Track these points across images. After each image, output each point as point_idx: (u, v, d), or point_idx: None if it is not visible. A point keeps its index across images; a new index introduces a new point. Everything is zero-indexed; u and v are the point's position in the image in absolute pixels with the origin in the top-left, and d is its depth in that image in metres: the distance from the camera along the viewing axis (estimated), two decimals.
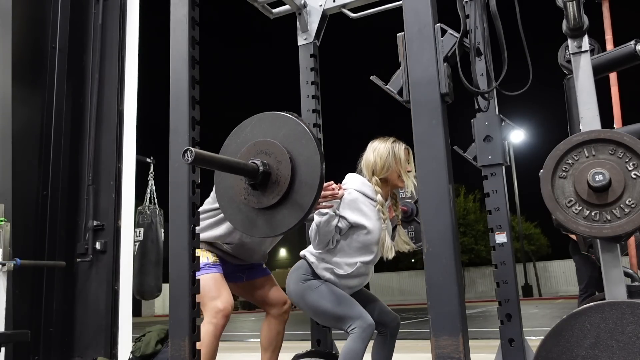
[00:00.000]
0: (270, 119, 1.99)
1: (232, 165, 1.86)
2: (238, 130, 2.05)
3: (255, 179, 1.88)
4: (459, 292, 1.68)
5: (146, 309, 24.42)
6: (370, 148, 2.48)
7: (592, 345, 1.64)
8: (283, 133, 1.93)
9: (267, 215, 1.90)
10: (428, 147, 1.79)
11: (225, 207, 2.02)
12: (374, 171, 2.43)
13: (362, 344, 2.18)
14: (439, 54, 1.84)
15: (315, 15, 3.12)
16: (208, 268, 2.55)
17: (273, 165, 1.89)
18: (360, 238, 2.34)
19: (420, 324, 9.95)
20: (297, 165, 1.87)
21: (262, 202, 1.90)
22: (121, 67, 4.29)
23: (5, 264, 3.15)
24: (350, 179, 2.46)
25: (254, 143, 1.96)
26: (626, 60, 2.26)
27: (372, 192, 2.40)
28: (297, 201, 1.84)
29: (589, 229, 1.75)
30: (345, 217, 2.31)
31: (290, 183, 1.85)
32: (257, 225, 1.93)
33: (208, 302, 2.47)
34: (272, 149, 1.91)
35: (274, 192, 1.87)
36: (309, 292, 2.31)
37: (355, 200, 2.34)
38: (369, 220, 2.34)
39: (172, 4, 2.25)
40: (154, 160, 5.76)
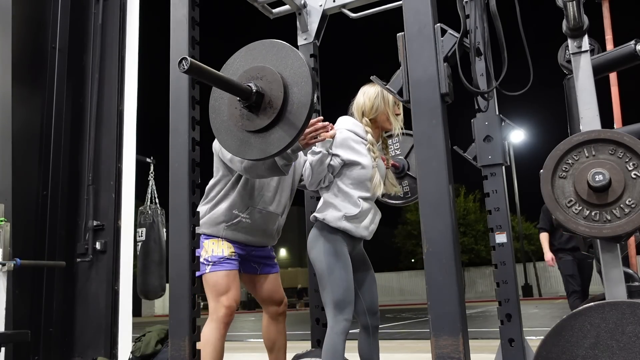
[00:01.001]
0: (257, 47, 2.03)
1: (225, 81, 1.89)
2: (227, 64, 2.08)
3: (249, 100, 1.91)
4: (459, 292, 1.68)
5: (146, 309, 24.43)
6: (360, 91, 2.58)
7: (592, 345, 1.64)
8: (271, 56, 1.97)
9: (262, 137, 1.93)
10: (428, 147, 1.79)
11: (224, 138, 2.04)
12: (364, 112, 2.53)
13: (340, 338, 2.24)
14: (439, 54, 1.85)
15: (315, 15, 3.12)
16: (222, 263, 2.55)
17: (265, 87, 1.93)
18: (354, 173, 2.40)
19: (420, 324, 9.95)
20: (289, 85, 1.91)
21: (257, 124, 1.93)
22: (121, 67, 4.29)
23: (5, 264, 3.15)
24: (342, 120, 2.55)
25: (244, 71, 1.99)
26: (626, 60, 2.26)
27: (363, 131, 2.50)
28: (291, 120, 1.87)
29: (589, 229, 1.75)
30: (338, 154, 2.39)
31: (283, 102, 1.88)
32: (252, 148, 1.95)
33: (215, 297, 2.49)
34: (263, 73, 1.95)
35: (268, 114, 1.90)
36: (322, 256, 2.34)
37: (346, 138, 2.42)
38: (361, 156, 2.42)
39: (172, 4, 2.25)
40: (154, 160, 5.76)
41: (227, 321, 2.48)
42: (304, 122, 1.85)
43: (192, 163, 2.11)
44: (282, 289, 2.85)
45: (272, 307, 2.80)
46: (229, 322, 2.50)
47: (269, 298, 2.80)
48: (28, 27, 4.12)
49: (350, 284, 2.33)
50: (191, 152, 2.12)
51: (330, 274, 2.31)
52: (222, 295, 2.49)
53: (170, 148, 2.16)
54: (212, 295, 2.51)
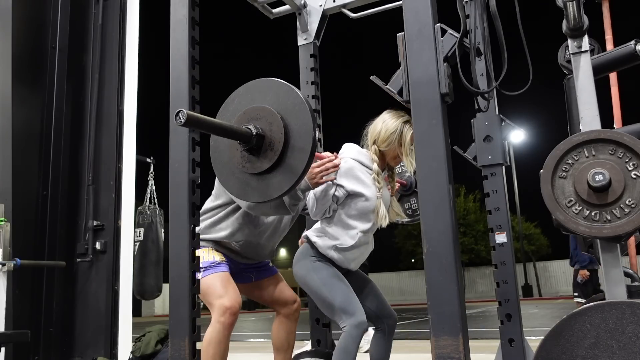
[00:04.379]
0: (256, 86, 2.00)
1: (224, 128, 1.86)
2: (226, 104, 2.05)
3: (249, 143, 1.88)
4: (459, 292, 1.68)
5: (146, 309, 24.43)
6: (381, 118, 2.49)
7: (592, 345, 1.64)
8: (271, 96, 1.94)
9: (262, 180, 1.91)
10: (428, 147, 1.79)
11: (225, 179, 2.02)
12: (376, 141, 2.45)
13: (354, 342, 2.19)
14: (439, 54, 1.84)
15: (315, 15, 3.12)
16: (214, 267, 2.51)
17: (266, 128, 1.90)
18: (358, 205, 2.35)
19: (420, 324, 9.95)
20: (289, 126, 1.87)
21: (258, 167, 1.90)
22: (121, 67, 4.30)
23: (5, 264, 3.15)
24: (347, 148, 2.49)
25: (244, 112, 1.96)
26: (626, 60, 2.26)
27: (369, 160, 2.43)
28: (291, 165, 1.85)
29: (589, 229, 1.75)
30: (342, 185, 2.33)
31: (284, 144, 1.86)
32: (253, 190, 1.94)
33: (215, 301, 2.42)
34: (263, 113, 1.91)
35: (269, 156, 1.88)
36: (312, 274, 2.32)
37: (352, 168, 2.36)
38: (366, 187, 2.36)
39: (172, 4, 2.25)
40: (154, 160, 5.77)
41: (230, 322, 2.41)
42: (304, 167, 1.82)
43: (192, 163, 2.11)
44: (290, 289, 2.79)
45: (282, 308, 2.75)
46: (233, 322, 2.42)
47: (277, 300, 2.75)
48: (28, 27, 4.12)
49: (348, 287, 2.30)
50: (191, 152, 2.12)
51: (325, 285, 2.28)
52: (221, 298, 2.43)
53: (170, 148, 2.16)
54: (211, 299, 2.44)
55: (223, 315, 2.39)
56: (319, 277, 2.31)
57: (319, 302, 2.34)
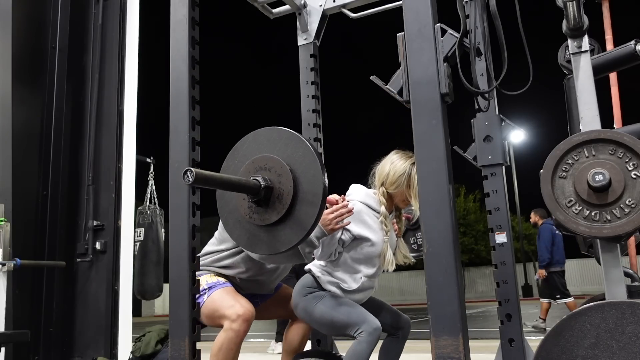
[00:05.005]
0: (264, 135, 1.98)
1: (233, 183, 1.83)
2: (234, 151, 2.04)
3: (257, 195, 1.85)
4: (459, 292, 1.68)
5: (146, 309, 24.41)
6: (389, 159, 2.45)
7: (592, 345, 1.64)
8: (280, 146, 1.91)
9: (271, 233, 1.88)
10: (428, 147, 1.79)
11: (232, 228, 1.99)
12: (384, 182, 2.40)
13: (368, 347, 2.16)
14: (439, 54, 1.84)
15: (315, 15, 3.12)
16: (220, 285, 2.45)
17: (274, 180, 1.86)
18: (364, 250, 2.32)
19: (420, 324, 9.95)
20: (299, 178, 1.84)
21: (265, 219, 1.87)
22: (121, 67, 4.30)
23: (5, 264, 3.15)
24: (355, 190, 2.44)
25: (252, 160, 1.93)
26: (626, 60, 2.26)
27: (376, 203, 2.39)
28: (300, 218, 1.82)
29: (589, 229, 1.75)
30: (349, 229, 2.29)
31: (292, 197, 1.82)
32: (261, 243, 1.91)
33: (226, 310, 2.32)
34: (271, 164, 1.88)
35: (277, 209, 1.84)
36: (313, 302, 2.29)
37: (359, 212, 2.32)
38: (372, 232, 2.32)
39: (172, 4, 2.25)
40: (154, 160, 5.77)
41: (243, 329, 2.28)
42: (314, 221, 1.80)
43: (192, 163, 2.11)
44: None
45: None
46: (245, 330, 2.30)
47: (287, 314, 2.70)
48: (28, 27, 4.12)
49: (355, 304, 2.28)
50: (191, 152, 2.12)
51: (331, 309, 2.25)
52: (233, 307, 2.31)
53: (170, 148, 2.15)
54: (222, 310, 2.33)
55: (235, 322, 2.28)
56: (321, 303, 2.28)
57: (327, 328, 2.30)
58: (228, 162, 2.05)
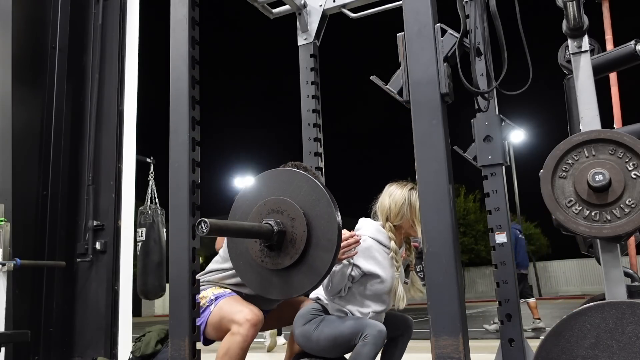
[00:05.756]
0: (276, 176, 1.96)
1: (247, 230, 1.82)
2: (245, 191, 2.03)
3: (270, 240, 1.84)
4: (459, 292, 1.68)
5: (146, 309, 24.41)
6: (386, 192, 2.45)
7: (592, 345, 1.64)
8: (292, 189, 1.89)
9: (283, 277, 1.86)
10: (428, 147, 1.79)
11: (242, 271, 1.98)
12: (388, 217, 2.40)
13: (373, 350, 2.15)
14: (439, 54, 1.84)
15: (315, 15, 3.12)
16: (227, 294, 2.43)
17: (287, 224, 1.85)
18: (374, 287, 2.31)
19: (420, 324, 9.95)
20: (312, 223, 1.82)
21: (279, 264, 1.85)
22: (121, 67, 4.29)
23: (5, 264, 3.15)
24: (364, 224, 2.43)
25: (264, 202, 1.91)
26: (626, 60, 2.26)
27: (386, 239, 2.38)
28: (314, 264, 1.81)
29: (589, 229, 1.75)
30: (358, 265, 2.28)
31: (307, 241, 1.80)
32: (273, 287, 1.89)
33: (235, 315, 2.28)
34: (284, 207, 1.86)
35: (290, 253, 1.83)
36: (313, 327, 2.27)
37: (369, 248, 2.32)
38: (382, 269, 2.31)
39: (172, 4, 2.25)
40: (154, 160, 5.77)
41: (251, 334, 2.25)
42: (328, 268, 1.79)
43: (192, 163, 2.11)
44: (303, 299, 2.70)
45: None
46: (253, 335, 2.26)
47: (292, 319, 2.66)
48: (28, 27, 4.12)
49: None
50: (191, 152, 2.12)
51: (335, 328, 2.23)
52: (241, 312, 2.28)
53: (170, 148, 2.15)
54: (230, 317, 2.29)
55: (243, 325, 2.24)
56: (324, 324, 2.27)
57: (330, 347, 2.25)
58: (239, 202, 2.03)
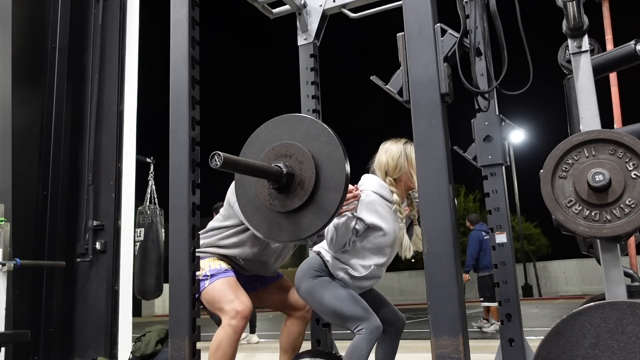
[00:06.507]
0: (284, 122, 1.96)
1: (257, 168, 1.83)
2: (253, 137, 2.03)
3: (279, 182, 1.85)
4: (459, 292, 1.68)
5: (146, 309, 24.40)
6: (382, 149, 2.49)
7: (592, 345, 1.64)
8: (300, 133, 1.90)
9: (292, 219, 1.87)
10: (428, 147, 1.79)
11: (251, 216, 1.98)
12: (387, 172, 2.44)
13: (368, 345, 2.17)
14: (439, 54, 1.84)
15: (315, 15, 3.12)
16: (222, 273, 2.50)
17: (295, 167, 1.86)
18: (376, 240, 2.34)
19: (420, 324, 9.95)
20: (321, 165, 1.84)
21: (287, 205, 1.86)
22: (121, 67, 4.30)
23: (5, 264, 3.15)
24: (367, 180, 2.46)
25: (272, 147, 1.92)
26: (626, 60, 2.26)
27: (389, 193, 2.41)
28: (323, 204, 1.81)
29: (589, 229, 1.75)
30: (362, 218, 2.31)
31: (315, 184, 1.82)
32: (283, 230, 1.89)
33: (225, 305, 2.41)
34: (292, 151, 1.87)
35: (299, 195, 1.84)
36: (319, 288, 2.30)
37: (372, 202, 2.34)
38: (385, 222, 2.34)
39: (172, 4, 2.25)
40: (154, 160, 5.76)
41: (241, 325, 2.40)
42: (337, 207, 1.80)
43: (192, 163, 2.11)
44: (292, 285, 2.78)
45: (293, 311, 2.74)
46: (243, 326, 2.42)
47: (287, 304, 2.74)
48: (28, 27, 4.12)
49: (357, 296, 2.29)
50: (191, 152, 2.12)
51: (333, 297, 2.26)
52: (233, 302, 2.41)
53: (170, 148, 2.15)
54: (222, 304, 2.43)
55: (234, 318, 2.38)
56: (327, 290, 2.29)
57: (327, 315, 2.32)
58: (246, 149, 2.03)
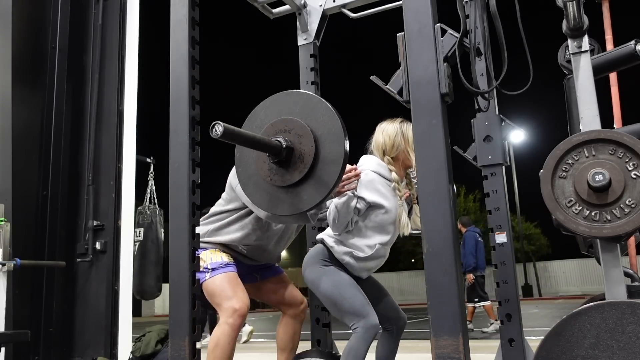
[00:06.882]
0: (282, 98, 1.98)
1: (257, 140, 1.85)
2: (252, 115, 2.04)
3: (279, 156, 1.87)
4: (459, 292, 1.68)
5: (146, 309, 24.42)
6: (379, 129, 2.52)
7: (592, 345, 1.64)
8: (299, 108, 1.92)
9: (292, 193, 1.89)
10: (428, 147, 1.79)
11: (252, 193, 2.00)
12: (385, 151, 2.47)
13: (365, 344, 2.18)
14: (439, 54, 1.84)
15: (315, 15, 3.12)
16: (223, 267, 2.52)
17: (295, 141, 1.88)
18: (378, 218, 2.35)
19: (420, 324, 9.95)
20: (320, 138, 1.86)
21: (287, 180, 1.88)
22: (121, 67, 4.29)
23: (5, 264, 3.15)
24: (366, 160, 2.49)
25: (271, 124, 1.94)
26: (626, 60, 2.26)
27: (387, 172, 2.44)
28: (322, 177, 1.84)
29: (589, 229, 1.75)
30: (363, 197, 2.33)
31: (314, 157, 1.84)
32: (283, 203, 1.91)
33: (223, 302, 2.43)
34: (291, 125, 1.89)
35: (299, 169, 1.86)
36: (324, 277, 2.31)
37: (372, 180, 2.37)
38: (386, 199, 2.36)
39: (172, 4, 2.25)
40: (154, 160, 5.76)
41: (238, 323, 2.43)
42: (336, 179, 1.81)
43: (192, 163, 2.11)
44: (296, 290, 2.79)
45: (288, 309, 2.75)
46: (240, 324, 2.44)
47: (283, 300, 2.76)
48: (28, 27, 4.12)
49: (360, 291, 2.30)
50: (191, 152, 2.12)
51: (337, 288, 2.28)
52: (230, 299, 2.43)
53: (170, 148, 2.16)
54: (220, 300, 2.45)
55: (231, 316, 2.41)
56: (330, 280, 2.30)
57: (328, 305, 2.34)
58: (246, 126, 2.04)
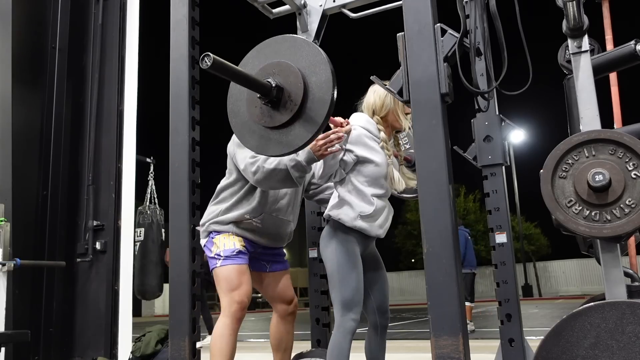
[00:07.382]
0: (268, 45, 2.00)
1: (246, 77, 1.87)
2: (241, 65, 2.04)
3: (269, 96, 1.89)
4: (459, 292, 1.68)
5: (146, 309, 24.42)
6: (370, 90, 2.55)
7: (592, 345, 1.64)
8: (284, 50, 1.94)
9: (283, 133, 1.91)
10: (428, 147, 1.79)
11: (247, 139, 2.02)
12: (374, 110, 2.50)
13: (344, 339, 2.22)
14: (439, 54, 1.84)
15: (315, 15, 3.12)
16: (234, 257, 2.53)
17: (284, 82, 1.90)
18: (370, 170, 2.38)
19: (420, 324, 9.95)
20: (307, 76, 1.88)
21: (277, 120, 1.91)
22: (121, 67, 4.30)
23: (5, 264, 3.15)
24: (355, 117, 2.52)
25: (260, 69, 1.96)
26: (626, 60, 2.26)
27: (376, 129, 2.47)
28: (311, 116, 1.85)
29: (589, 229, 1.75)
30: (352, 150, 2.36)
31: (303, 95, 1.86)
32: (273, 143, 1.93)
33: (226, 293, 2.47)
34: (279, 68, 1.92)
35: (289, 107, 1.88)
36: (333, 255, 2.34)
37: (360, 135, 2.39)
38: (375, 154, 2.39)
39: (172, 4, 2.25)
40: (154, 160, 5.77)
41: (239, 316, 2.47)
42: (324, 118, 1.84)
43: (192, 163, 2.11)
44: (292, 289, 2.82)
45: (281, 306, 2.77)
46: (242, 317, 2.49)
47: (279, 297, 2.77)
48: (28, 27, 4.12)
49: (359, 284, 2.31)
50: (191, 152, 2.12)
51: (339, 273, 2.30)
52: (234, 291, 2.46)
53: (170, 148, 2.16)
54: (224, 290, 2.48)
55: (231, 307, 2.45)
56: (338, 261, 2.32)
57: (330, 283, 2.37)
58: None
